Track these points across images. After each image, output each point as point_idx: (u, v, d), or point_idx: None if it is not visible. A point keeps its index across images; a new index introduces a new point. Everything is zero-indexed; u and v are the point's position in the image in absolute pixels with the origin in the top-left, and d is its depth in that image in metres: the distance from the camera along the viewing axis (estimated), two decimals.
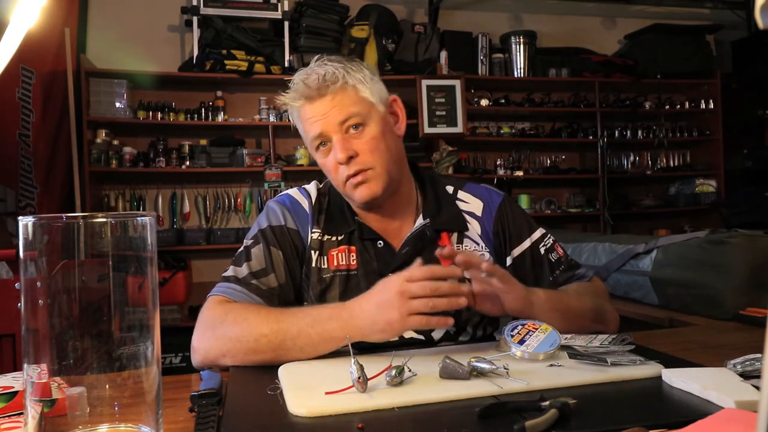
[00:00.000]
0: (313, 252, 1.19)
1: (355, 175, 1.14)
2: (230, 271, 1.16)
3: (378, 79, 1.20)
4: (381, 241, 1.20)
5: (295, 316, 1.02)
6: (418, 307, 0.94)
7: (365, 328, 0.98)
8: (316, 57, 1.19)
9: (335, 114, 1.12)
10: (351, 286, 1.17)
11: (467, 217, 1.26)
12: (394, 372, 0.86)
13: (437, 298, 0.95)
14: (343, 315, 0.99)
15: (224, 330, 1.04)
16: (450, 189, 1.29)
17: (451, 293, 0.96)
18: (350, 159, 1.13)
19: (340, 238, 1.20)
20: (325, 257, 1.19)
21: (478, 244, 1.23)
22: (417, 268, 0.97)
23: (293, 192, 1.27)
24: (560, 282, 1.24)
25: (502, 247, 1.25)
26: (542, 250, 1.25)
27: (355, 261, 1.19)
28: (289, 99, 1.16)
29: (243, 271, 1.15)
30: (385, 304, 0.96)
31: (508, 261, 1.24)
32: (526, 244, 1.25)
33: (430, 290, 0.95)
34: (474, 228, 1.24)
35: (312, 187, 1.28)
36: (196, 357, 1.06)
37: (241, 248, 1.20)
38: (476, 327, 1.22)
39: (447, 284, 0.96)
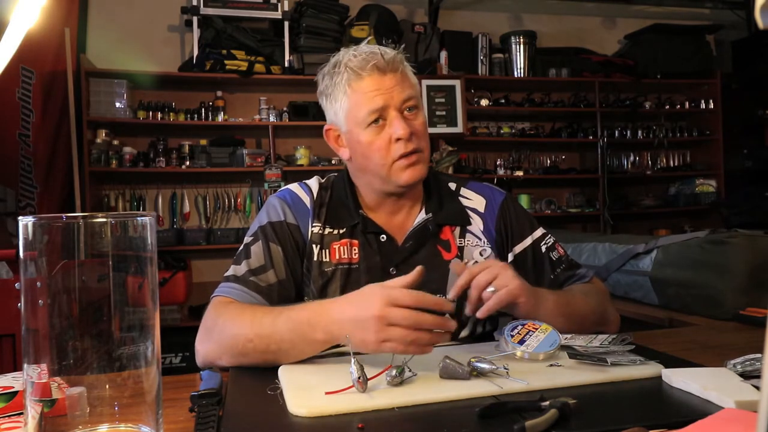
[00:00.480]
0: (314, 246, 1.19)
1: (410, 154, 1.14)
2: (231, 271, 1.17)
3: None
4: (384, 235, 1.21)
5: (278, 319, 0.98)
6: (394, 336, 0.88)
7: (342, 339, 0.95)
8: (366, 40, 1.20)
9: (399, 91, 1.14)
10: (352, 279, 1.17)
11: (470, 212, 1.26)
12: (394, 372, 0.86)
13: (418, 332, 0.88)
14: (322, 318, 0.95)
15: (217, 334, 1.05)
16: (453, 186, 1.30)
17: (435, 327, 0.88)
18: (411, 136, 1.14)
19: (342, 231, 1.20)
20: (327, 250, 1.19)
21: (480, 239, 1.24)
22: (403, 293, 0.89)
23: (294, 187, 1.27)
24: (561, 280, 1.24)
25: (504, 244, 1.25)
26: (543, 249, 1.25)
27: (357, 255, 1.19)
28: (356, 66, 1.13)
29: (242, 269, 1.15)
30: (361, 323, 0.90)
31: (510, 258, 1.25)
32: (528, 241, 1.25)
33: (412, 323, 0.87)
34: (476, 223, 1.25)
35: (313, 182, 1.28)
36: (198, 358, 1.09)
37: (242, 246, 1.20)
38: (476, 323, 1.22)
39: (431, 318, 0.88)
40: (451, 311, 0.94)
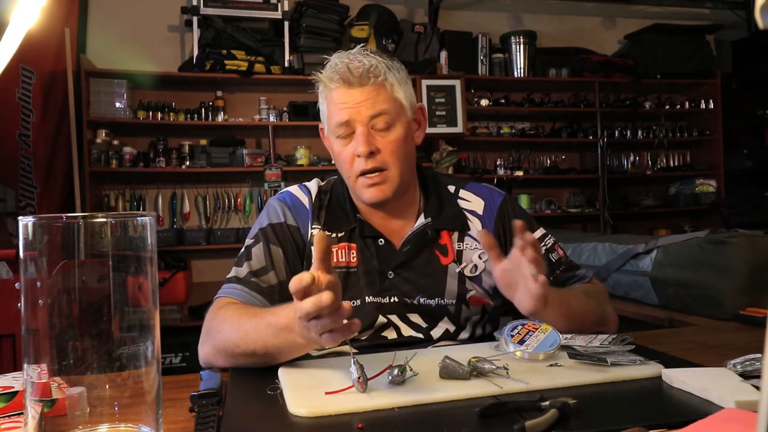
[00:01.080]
0: (313, 248, 1.19)
1: (371, 172, 1.14)
2: (233, 272, 1.18)
3: (410, 84, 1.21)
4: (382, 239, 1.21)
5: (259, 326, 0.97)
6: (321, 326, 0.83)
7: (314, 340, 0.90)
8: (359, 45, 1.19)
9: (368, 107, 1.13)
10: (351, 283, 1.17)
11: (468, 215, 1.26)
12: (396, 371, 0.86)
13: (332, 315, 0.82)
14: (296, 327, 0.90)
15: (212, 337, 1.06)
16: (452, 188, 1.30)
17: (323, 307, 0.81)
18: (370, 154, 1.13)
19: (340, 235, 1.21)
20: None
21: (478, 242, 1.23)
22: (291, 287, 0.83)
23: (293, 189, 1.27)
24: (561, 281, 1.24)
25: (503, 246, 1.25)
26: (543, 250, 1.24)
27: (355, 258, 1.19)
28: (325, 77, 1.15)
29: (243, 270, 1.16)
30: (300, 326, 0.86)
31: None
32: None
33: (316, 308, 0.81)
34: (475, 226, 1.25)
35: (313, 184, 1.28)
36: (200, 359, 1.10)
37: (243, 248, 1.21)
38: (476, 325, 1.22)
39: (312, 301, 0.81)
40: (309, 282, 0.81)
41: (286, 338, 0.94)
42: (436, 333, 1.18)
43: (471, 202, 1.28)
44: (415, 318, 1.18)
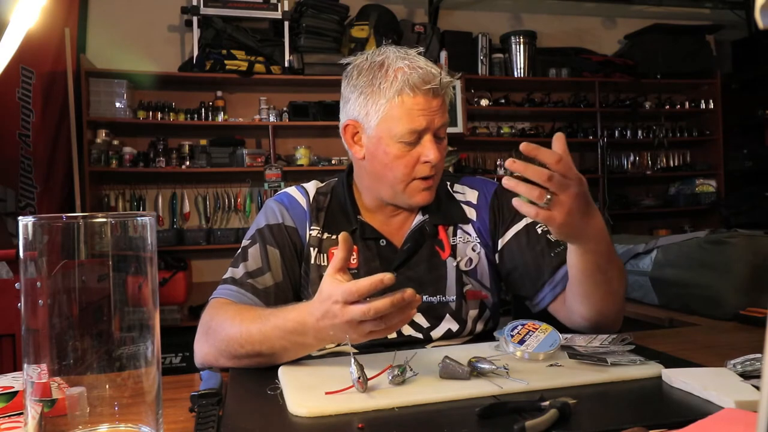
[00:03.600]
0: (312, 249, 1.20)
1: (428, 178, 1.16)
2: (228, 273, 1.17)
3: None
4: (383, 240, 1.21)
5: (266, 327, 0.97)
6: (370, 328, 0.86)
7: (326, 339, 0.94)
8: (420, 50, 1.15)
9: (440, 116, 1.14)
10: None
11: (464, 206, 1.27)
12: (396, 371, 0.86)
13: (387, 318, 0.85)
14: (307, 322, 0.91)
15: (212, 337, 1.05)
16: (447, 184, 1.31)
17: (393, 307, 0.84)
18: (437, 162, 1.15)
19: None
20: (325, 255, 1.20)
21: (470, 235, 1.25)
22: (346, 291, 0.85)
23: (291, 190, 1.27)
24: (563, 258, 1.18)
25: (497, 229, 1.25)
26: (539, 230, 1.22)
27: (356, 260, 1.19)
28: (415, 81, 1.10)
29: (239, 271, 1.16)
30: (338, 328, 0.88)
31: (505, 239, 1.23)
32: (522, 224, 1.23)
33: (373, 314, 0.84)
34: (471, 217, 1.26)
35: (311, 186, 1.28)
36: (196, 359, 1.09)
37: (239, 249, 1.20)
38: (475, 321, 1.21)
39: (385, 303, 0.83)
40: (391, 283, 0.84)
41: (294, 340, 0.95)
42: (437, 333, 1.18)
43: (465, 194, 1.30)
44: (418, 318, 1.18)
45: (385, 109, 1.12)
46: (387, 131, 1.13)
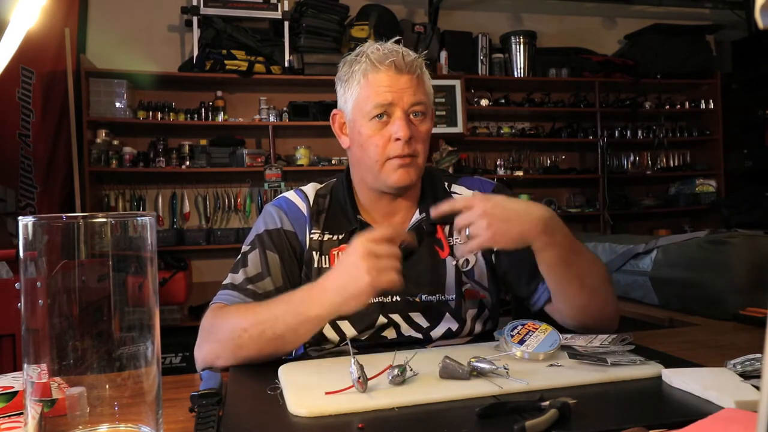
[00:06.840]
0: (314, 253, 1.20)
1: (405, 156, 1.15)
2: (228, 279, 1.18)
3: None
4: None
5: (271, 305, 1.04)
6: (386, 266, 0.95)
7: (336, 298, 0.97)
8: (394, 39, 1.21)
9: (410, 94, 1.15)
10: None
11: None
12: (396, 371, 0.86)
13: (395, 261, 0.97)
14: (314, 292, 1.00)
15: (214, 333, 1.06)
16: (446, 184, 1.32)
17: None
18: (408, 140, 1.15)
19: (341, 236, 1.21)
20: (327, 257, 1.20)
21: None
22: (376, 232, 0.99)
23: (290, 194, 1.27)
24: None
25: None
26: None
27: None
28: (375, 58, 1.15)
29: (239, 277, 1.16)
30: (352, 268, 0.96)
31: None
32: None
33: (393, 252, 0.97)
34: None
35: (310, 189, 1.28)
36: (197, 364, 1.10)
37: (239, 255, 1.21)
38: (474, 321, 1.21)
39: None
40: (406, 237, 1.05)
41: (298, 312, 0.99)
42: (437, 333, 1.18)
43: (462, 194, 1.30)
44: (418, 317, 1.18)
45: (356, 91, 1.17)
46: (359, 112, 1.17)
